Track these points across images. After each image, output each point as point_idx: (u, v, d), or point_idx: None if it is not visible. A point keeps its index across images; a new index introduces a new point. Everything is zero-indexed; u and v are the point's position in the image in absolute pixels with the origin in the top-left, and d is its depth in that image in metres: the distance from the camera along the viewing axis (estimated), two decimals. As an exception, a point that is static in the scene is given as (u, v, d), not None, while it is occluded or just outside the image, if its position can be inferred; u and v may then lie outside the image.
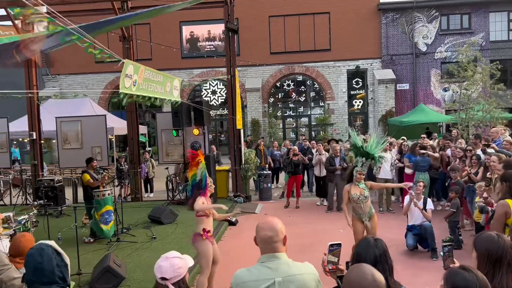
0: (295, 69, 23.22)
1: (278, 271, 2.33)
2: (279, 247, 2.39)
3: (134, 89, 7.16)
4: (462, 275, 2.04)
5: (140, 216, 9.79)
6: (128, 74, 6.82)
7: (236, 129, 12.01)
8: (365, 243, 2.42)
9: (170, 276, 2.32)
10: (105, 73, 22.16)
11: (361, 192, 5.89)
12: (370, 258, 2.29)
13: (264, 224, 2.44)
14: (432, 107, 21.19)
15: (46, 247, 2.37)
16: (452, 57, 21.30)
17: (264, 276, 2.33)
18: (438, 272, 2.18)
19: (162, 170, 12.99)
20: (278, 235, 2.39)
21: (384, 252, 2.34)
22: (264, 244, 2.40)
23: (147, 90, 7.84)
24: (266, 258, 2.39)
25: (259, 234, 2.42)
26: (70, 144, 11.48)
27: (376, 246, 2.36)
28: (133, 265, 6.42)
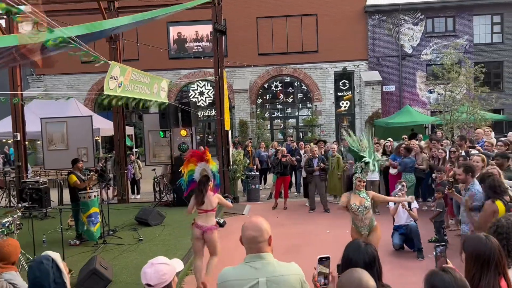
0: (282, 70, 23.29)
1: (262, 271, 2.34)
2: (264, 247, 2.40)
3: (119, 91, 7.10)
4: (441, 276, 2.08)
5: (127, 218, 9.71)
6: (114, 75, 6.76)
7: (224, 130, 11.99)
8: (355, 247, 2.41)
9: (155, 282, 2.30)
10: (91, 73, 21.94)
11: (361, 202, 5.30)
12: (360, 263, 2.29)
13: (249, 224, 2.45)
14: (417, 108, 21.45)
15: (46, 260, 2.34)
16: (437, 59, 21.60)
17: (248, 275, 2.34)
18: (424, 272, 2.21)
19: (149, 171, 12.91)
20: (263, 235, 2.39)
21: (373, 258, 2.34)
22: (249, 244, 2.41)
23: (133, 92, 7.78)
24: (251, 258, 2.40)
25: (244, 233, 2.42)
26: (55, 145, 11.33)
27: (366, 252, 2.36)
28: (120, 268, 6.36)
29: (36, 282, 2.28)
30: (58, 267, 2.34)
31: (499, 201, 4.34)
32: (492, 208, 4.24)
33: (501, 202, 4.32)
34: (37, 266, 2.32)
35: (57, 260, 2.36)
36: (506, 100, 17.66)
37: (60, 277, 2.34)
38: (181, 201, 10.85)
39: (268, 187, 13.85)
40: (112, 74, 6.74)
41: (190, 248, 7.43)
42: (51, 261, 2.33)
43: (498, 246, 2.47)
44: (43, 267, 2.30)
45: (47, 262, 2.32)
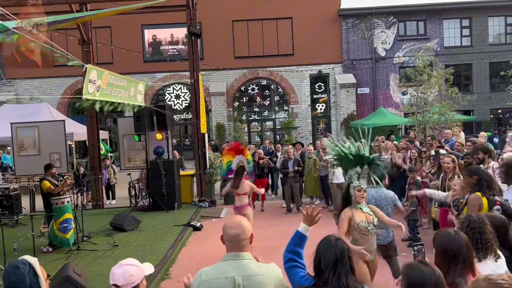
0: (259, 73, 23.38)
1: (239, 270, 2.37)
2: (246, 245, 2.44)
3: (98, 95, 7.02)
4: (419, 269, 2.12)
5: (102, 223, 9.53)
6: (92, 79, 6.68)
7: (200, 133, 11.96)
8: (326, 242, 2.46)
9: (121, 283, 2.29)
10: (64, 77, 21.52)
11: (368, 218, 4.27)
12: (331, 258, 2.34)
13: (232, 222, 2.50)
14: (391, 110, 21.88)
15: (23, 265, 2.24)
16: (409, 62, 22.11)
17: (225, 273, 2.37)
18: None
19: (125, 176, 12.73)
20: (245, 233, 2.44)
21: (343, 252, 2.38)
22: (231, 242, 2.44)
23: (111, 95, 7.71)
24: (229, 257, 2.44)
25: (227, 232, 2.45)
26: (26, 151, 11.03)
27: (336, 246, 2.39)
28: (94, 274, 6.25)
29: (11, 287, 2.20)
30: (35, 272, 2.25)
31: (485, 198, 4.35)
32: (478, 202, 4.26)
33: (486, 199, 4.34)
34: (13, 270, 2.22)
35: (34, 265, 2.28)
36: (472, 97, 18.21)
37: (37, 283, 2.24)
38: (157, 205, 10.77)
39: (246, 190, 13.85)
40: (90, 78, 6.66)
41: (166, 253, 7.39)
42: (28, 265, 2.25)
43: (466, 241, 2.54)
44: (20, 272, 2.21)
45: (24, 266, 2.23)
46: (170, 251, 7.58)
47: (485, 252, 2.80)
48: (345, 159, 4.45)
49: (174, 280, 6.33)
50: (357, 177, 4.35)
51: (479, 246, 2.79)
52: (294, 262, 2.55)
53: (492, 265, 2.79)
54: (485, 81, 23.27)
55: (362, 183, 4.31)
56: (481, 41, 23.14)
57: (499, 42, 23.54)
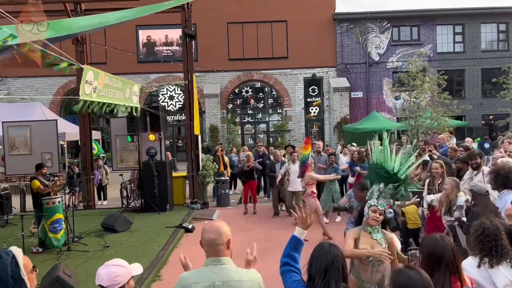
0: (253, 76, 23.41)
1: (219, 275, 2.38)
2: (222, 250, 2.44)
3: (94, 96, 6.97)
4: (407, 273, 2.13)
5: (93, 224, 9.47)
6: (88, 80, 6.63)
7: (193, 135, 11.93)
8: (319, 247, 2.46)
9: (106, 284, 2.28)
10: (56, 76, 21.36)
11: (373, 245, 3.46)
12: (322, 263, 2.34)
13: (209, 227, 2.50)
14: (384, 114, 22.00)
15: (5, 255, 2.25)
16: (403, 67, 22.26)
17: (205, 279, 2.38)
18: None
19: (117, 177, 12.66)
20: (221, 238, 2.44)
21: (335, 259, 2.37)
22: (208, 247, 2.45)
23: (107, 97, 7.67)
24: (210, 262, 2.45)
25: (203, 236, 2.47)
26: (18, 150, 10.93)
27: (329, 252, 2.39)
28: (85, 275, 6.20)
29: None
30: (17, 263, 2.26)
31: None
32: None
33: None
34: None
35: (17, 256, 2.29)
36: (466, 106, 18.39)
37: (18, 273, 2.25)
38: (149, 206, 10.73)
39: (239, 192, 13.84)
40: (87, 78, 6.61)
41: (157, 254, 7.37)
42: (11, 256, 2.26)
43: (452, 246, 2.56)
44: (1, 262, 2.21)
45: (6, 257, 2.24)
46: (162, 252, 7.55)
47: (499, 259, 2.80)
48: (381, 171, 3.68)
49: (165, 282, 6.31)
50: (377, 195, 3.60)
51: (493, 253, 2.80)
52: (289, 266, 2.55)
53: (506, 270, 2.79)
54: (477, 87, 23.50)
55: (380, 205, 3.52)
56: (474, 47, 23.38)
57: (491, 49, 23.80)
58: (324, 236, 8.12)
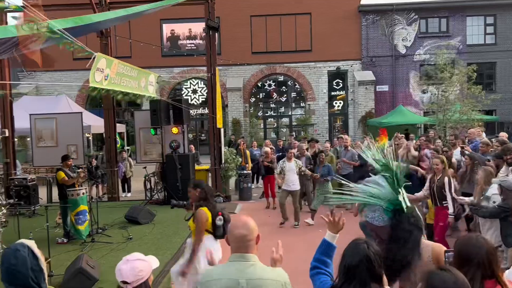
0: (276, 69, 23.21)
1: (244, 273, 2.28)
2: (252, 246, 2.35)
3: (105, 83, 6.96)
4: (441, 275, 1.97)
5: (117, 216, 9.56)
6: (100, 68, 6.62)
7: (216, 128, 11.89)
8: (351, 245, 2.25)
9: (131, 280, 2.21)
10: (83, 70, 21.58)
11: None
12: (352, 262, 2.17)
13: (238, 222, 2.40)
14: (410, 108, 21.48)
15: (22, 247, 2.21)
16: (430, 59, 21.63)
17: (229, 275, 2.29)
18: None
19: (141, 169, 12.76)
20: (252, 233, 2.35)
21: (364, 258, 2.17)
22: (236, 243, 2.35)
23: (120, 85, 7.64)
24: (235, 258, 2.35)
25: (233, 232, 2.37)
26: (44, 142, 11.14)
27: (358, 251, 2.18)
28: (108, 267, 6.22)
29: (11, 270, 2.16)
30: (34, 254, 2.23)
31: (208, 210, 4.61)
32: (204, 215, 4.50)
33: (209, 211, 4.63)
34: (13, 253, 2.18)
35: (32, 247, 2.25)
36: (496, 96, 17.71)
37: (38, 265, 2.22)
38: (172, 199, 10.74)
39: (261, 186, 13.75)
40: (98, 66, 6.60)
41: (179, 247, 7.35)
42: (27, 248, 2.22)
43: (488, 248, 2.36)
44: (20, 254, 2.17)
45: (23, 249, 2.20)
46: (184, 245, 7.52)
47: None
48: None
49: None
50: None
51: None
52: (319, 269, 2.42)
53: None
54: (509, 80, 22.61)
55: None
56: (506, 39, 22.48)
57: (524, 41, 22.88)
58: None
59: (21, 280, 2.16)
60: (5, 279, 2.19)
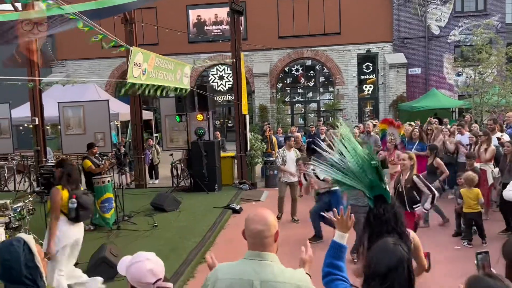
0: (304, 53, 22.73)
1: (260, 274, 2.05)
2: (270, 243, 2.11)
3: (143, 78, 6.85)
4: (486, 282, 1.74)
5: (143, 203, 9.60)
6: (137, 62, 6.50)
7: (241, 115, 11.72)
8: (381, 246, 2.04)
9: (163, 273, 2.12)
10: (112, 58, 21.84)
11: None
12: (382, 266, 1.94)
13: (255, 216, 2.15)
14: (444, 92, 20.63)
15: (17, 242, 2.14)
16: (466, 40, 20.61)
17: (243, 275, 2.08)
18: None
19: (168, 156, 12.79)
20: (270, 229, 2.11)
21: (401, 260, 1.96)
22: (253, 239, 2.12)
23: (157, 79, 7.53)
24: (251, 255, 2.12)
25: (249, 227, 2.13)
26: (72, 130, 11.28)
27: (394, 252, 1.97)
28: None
29: (5, 264, 2.10)
30: (30, 250, 2.15)
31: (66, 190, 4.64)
32: (58, 194, 4.52)
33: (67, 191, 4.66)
34: (6, 248, 2.13)
35: (29, 243, 2.17)
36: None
37: (33, 261, 2.14)
38: (198, 186, 10.73)
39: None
40: (135, 61, 6.48)
41: (204, 235, 7.28)
42: (23, 243, 2.14)
43: None
44: (13, 249, 2.11)
45: (18, 244, 2.13)
46: (209, 233, 7.46)
47: None
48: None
49: (211, 264, 6.19)
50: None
51: None
52: (333, 275, 2.20)
53: None
54: (552, 60, 21.33)
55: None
56: (549, 16, 21.14)
57: None
58: None
59: (15, 276, 2.10)
60: (1, 275, 2.13)
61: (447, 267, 5.72)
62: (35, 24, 5.36)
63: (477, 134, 8.23)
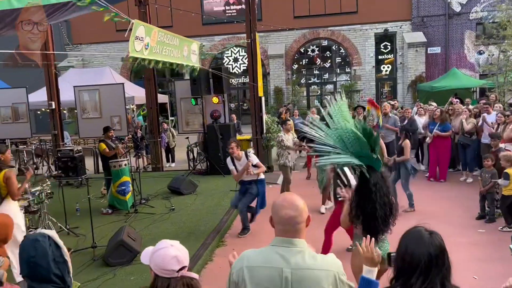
0: (320, 33, 22.29)
1: (290, 261, 1.93)
2: (302, 229, 1.99)
3: (146, 53, 6.71)
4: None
5: (160, 186, 9.61)
6: (139, 36, 6.36)
7: (257, 97, 11.55)
8: (415, 235, 1.89)
9: (188, 261, 1.99)
10: (126, 41, 21.65)
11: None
12: (422, 258, 1.80)
13: (284, 201, 2.01)
14: (465, 71, 20.07)
15: (42, 238, 2.01)
16: (488, 17, 19.88)
17: (272, 263, 1.95)
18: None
19: (184, 139, 12.76)
20: (302, 214, 1.98)
21: (441, 251, 1.83)
22: (283, 226, 1.98)
23: (162, 54, 7.38)
24: (280, 242, 1.99)
25: (279, 213, 1.99)
26: (89, 114, 11.31)
27: (431, 243, 1.84)
28: (149, 238, 6.20)
29: (31, 262, 1.96)
30: (57, 245, 2.02)
31: None
32: None
33: None
34: (32, 244, 1.99)
35: (54, 237, 2.05)
36: None
37: (61, 256, 2.02)
38: (214, 169, 10.69)
39: (304, 155, 13.39)
40: (137, 34, 6.33)
41: (221, 218, 7.24)
42: (48, 238, 2.02)
43: None
44: (39, 245, 1.97)
45: (43, 239, 2.00)
46: (226, 217, 7.42)
47: None
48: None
49: (229, 248, 6.14)
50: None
51: None
52: None
53: None
54: None
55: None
56: None
57: None
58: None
59: (42, 274, 1.96)
60: (26, 274, 1.98)
61: (472, 252, 5.56)
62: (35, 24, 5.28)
63: (505, 113, 7.93)
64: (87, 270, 5.26)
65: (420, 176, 9.93)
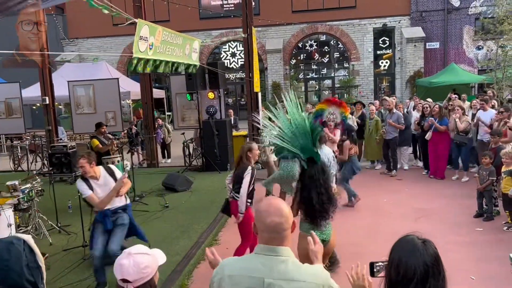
0: (318, 28, 22.13)
1: (272, 271, 1.82)
2: (287, 236, 1.88)
3: (150, 53, 6.59)
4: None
5: (155, 183, 9.49)
6: (143, 36, 6.23)
7: (253, 92, 11.43)
8: (408, 245, 1.75)
9: (133, 278, 1.77)
10: (123, 36, 21.62)
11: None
12: (418, 269, 1.68)
13: (270, 207, 1.88)
14: (464, 66, 19.94)
15: (17, 241, 1.91)
16: (487, 12, 19.74)
17: (253, 272, 1.84)
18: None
19: (180, 135, 12.64)
20: (287, 221, 1.87)
21: (436, 261, 1.71)
22: (269, 234, 1.86)
23: (165, 54, 7.26)
24: (263, 250, 1.88)
25: (264, 220, 1.86)
26: (83, 109, 11.16)
27: (426, 252, 1.72)
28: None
29: (3, 266, 1.86)
30: (31, 249, 1.93)
31: None
32: None
33: None
34: (6, 247, 1.88)
35: (29, 242, 1.95)
36: None
37: (35, 261, 1.93)
38: (210, 165, 10.58)
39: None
40: (141, 34, 6.20)
41: (215, 217, 7.14)
42: (23, 242, 1.92)
43: None
44: (14, 248, 1.87)
45: (18, 242, 1.90)
46: (221, 214, 7.30)
47: None
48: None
49: (223, 247, 6.05)
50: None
51: None
52: None
53: None
54: None
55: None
56: None
57: None
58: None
59: (14, 279, 1.86)
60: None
61: (470, 251, 5.48)
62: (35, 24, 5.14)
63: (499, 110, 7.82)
64: (78, 270, 5.16)
65: (419, 173, 9.86)
